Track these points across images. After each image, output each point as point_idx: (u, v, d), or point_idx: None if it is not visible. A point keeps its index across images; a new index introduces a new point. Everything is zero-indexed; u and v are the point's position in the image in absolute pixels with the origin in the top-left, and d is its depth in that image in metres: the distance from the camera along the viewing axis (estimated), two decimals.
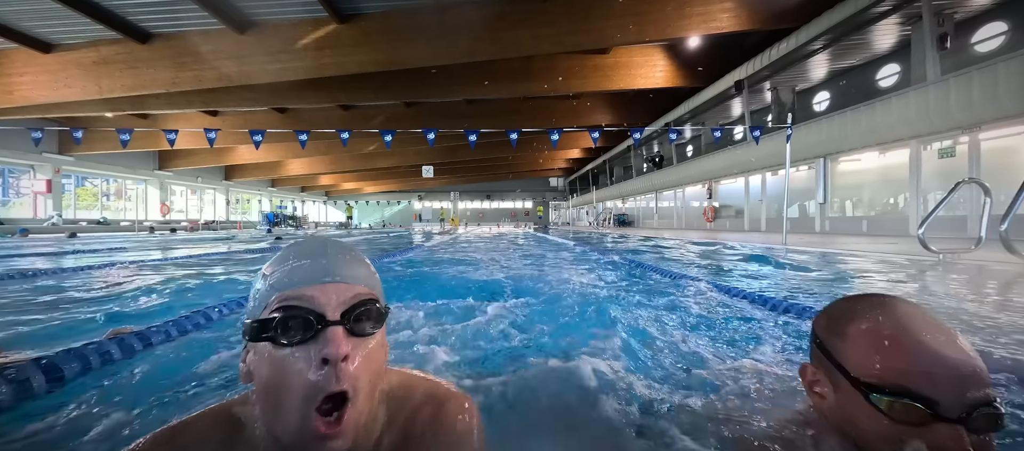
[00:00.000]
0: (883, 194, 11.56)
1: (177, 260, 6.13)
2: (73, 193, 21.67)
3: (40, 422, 1.18)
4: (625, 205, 29.98)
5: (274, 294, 0.58)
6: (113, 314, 2.59)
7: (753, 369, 1.40)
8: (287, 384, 0.54)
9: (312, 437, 0.53)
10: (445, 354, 1.72)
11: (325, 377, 0.53)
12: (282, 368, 0.54)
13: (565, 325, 2.27)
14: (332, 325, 0.56)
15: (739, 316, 2.40)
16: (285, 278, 0.59)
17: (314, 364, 0.54)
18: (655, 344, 1.91)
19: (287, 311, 0.55)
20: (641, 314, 2.40)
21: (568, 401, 1.29)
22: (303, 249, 0.62)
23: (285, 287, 0.58)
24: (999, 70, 7.66)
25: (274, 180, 34.85)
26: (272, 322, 0.55)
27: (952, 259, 4.62)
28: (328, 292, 0.57)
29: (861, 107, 10.75)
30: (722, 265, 5.32)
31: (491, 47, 11.39)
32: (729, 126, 18.70)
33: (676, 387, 1.37)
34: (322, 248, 0.63)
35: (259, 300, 0.59)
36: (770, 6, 11.29)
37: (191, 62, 11.36)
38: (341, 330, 0.56)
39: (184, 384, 1.45)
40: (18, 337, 2.13)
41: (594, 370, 1.42)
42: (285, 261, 0.61)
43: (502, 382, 1.41)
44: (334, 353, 0.54)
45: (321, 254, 0.61)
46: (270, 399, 0.56)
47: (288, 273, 0.59)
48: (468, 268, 4.91)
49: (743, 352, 1.81)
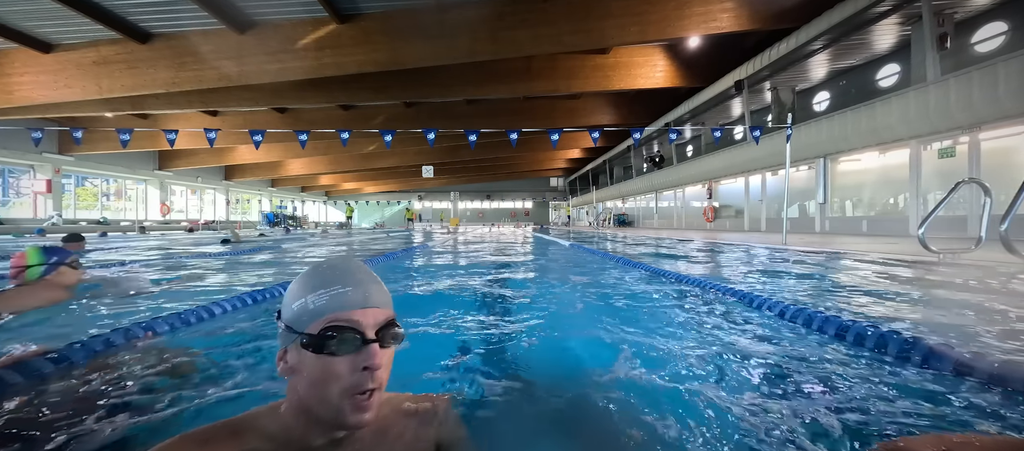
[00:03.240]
0: (883, 194, 11.55)
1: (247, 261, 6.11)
2: (73, 193, 21.67)
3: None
4: (625, 205, 29.97)
5: (326, 314, 0.73)
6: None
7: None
8: (335, 380, 0.72)
9: (349, 415, 0.72)
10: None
11: (364, 378, 0.73)
12: (331, 371, 0.71)
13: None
14: (371, 343, 0.74)
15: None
16: (336, 302, 0.74)
17: (357, 369, 0.72)
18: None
19: (340, 332, 0.72)
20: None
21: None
22: (344, 276, 0.77)
23: (337, 310, 0.73)
24: (999, 70, 7.66)
25: (274, 180, 34.85)
26: (330, 340, 0.72)
27: (952, 259, 4.63)
28: (367, 316, 0.74)
29: (861, 107, 10.74)
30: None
31: (491, 47, 11.38)
32: (729, 126, 18.69)
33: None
34: (358, 276, 0.78)
35: (308, 315, 0.74)
36: (770, 6, 11.28)
37: (191, 62, 11.36)
38: (377, 346, 0.74)
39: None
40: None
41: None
42: (331, 285, 0.75)
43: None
44: (375, 364, 0.73)
45: (359, 282, 0.77)
46: (317, 390, 0.72)
47: (337, 298, 0.74)
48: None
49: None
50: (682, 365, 1.62)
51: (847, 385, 1.44)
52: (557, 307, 2.90)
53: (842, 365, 1.62)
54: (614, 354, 1.75)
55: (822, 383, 1.46)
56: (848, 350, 1.79)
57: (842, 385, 1.44)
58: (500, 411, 1.28)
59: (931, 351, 1.59)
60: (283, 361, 0.76)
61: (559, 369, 1.78)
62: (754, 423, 1.15)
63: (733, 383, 1.48)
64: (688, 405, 1.27)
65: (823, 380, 1.48)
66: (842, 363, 1.64)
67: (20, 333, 2.14)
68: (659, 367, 1.59)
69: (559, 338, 2.15)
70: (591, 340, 2.03)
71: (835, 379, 1.49)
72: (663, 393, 1.35)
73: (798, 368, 1.59)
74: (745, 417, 1.19)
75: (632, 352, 1.75)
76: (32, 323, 2.31)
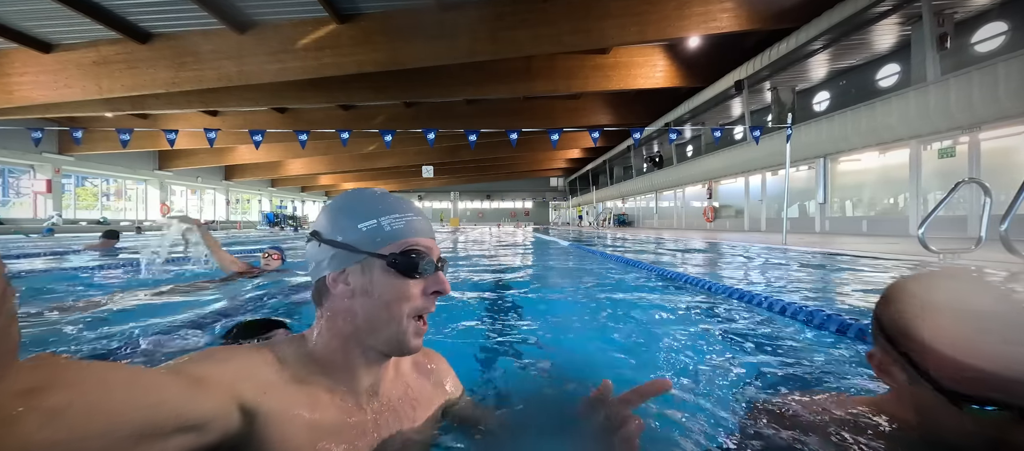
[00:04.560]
0: (883, 194, 11.55)
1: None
2: (73, 193, 21.67)
3: None
4: (625, 205, 29.97)
5: (405, 237, 0.75)
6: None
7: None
8: (407, 301, 0.73)
9: (411, 338, 0.75)
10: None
11: (430, 303, 0.76)
12: (405, 292, 0.73)
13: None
14: (439, 269, 0.77)
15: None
16: (413, 228, 0.76)
17: (427, 293, 0.75)
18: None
19: (419, 255, 0.74)
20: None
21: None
22: (410, 206, 0.79)
23: (414, 234, 0.76)
24: (999, 70, 7.66)
25: (274, 180, 34.85)
26: (411, 259, 0.74)
27: (952, 259, 4.62)
28: (433, 245, 0.78)
29: (861, 107, 10.74)
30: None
31: (491, 47, 11.38)
32: (729, 126, 18.69)
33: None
34: (421, 210, 0.81)
35: (383, 237, 0.74)
36: (770, 6, 11.28)
37: (191, 62, 11.36)
38: (442, 273, 0.78)
39: None
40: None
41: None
42: (405, 212, 0.77)
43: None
44: (445, 289, 0.76)
45: (421, 214, 0.80)
46: (388, 311, 0.73)
47: (412, 224, 0.76)
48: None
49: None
50: (682, 365, 1.62)
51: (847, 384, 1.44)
52: (557, 305, 2.90)
53: (843, 364, 1.62)
54: (613, 354, 1.75)
55: (823, 376, 1.46)
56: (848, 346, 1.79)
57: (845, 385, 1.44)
58: (492, 401, 1.28)
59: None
60: (343, 283, 0.73)
61: (560, 368, 1.78)
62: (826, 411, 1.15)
63: (733, 383, 1.47)
64: (688, 404, 1.26)
65: (824, 375, 1.48)
66: (845, 361, 1.64)
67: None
68: (658, 367, 1.59)
69: (559, 338, 2.15)
70: (591, 340, 2.03)
71: (834, 379, 1.49)
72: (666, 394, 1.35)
73: (801, 364, 1.59)
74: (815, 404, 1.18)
75: (632, 351, 1.75)
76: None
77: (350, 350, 0.75)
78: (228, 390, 0.59)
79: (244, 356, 0.67)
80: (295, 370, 0.71)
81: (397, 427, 0.80)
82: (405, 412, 0.83)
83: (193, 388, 0.54)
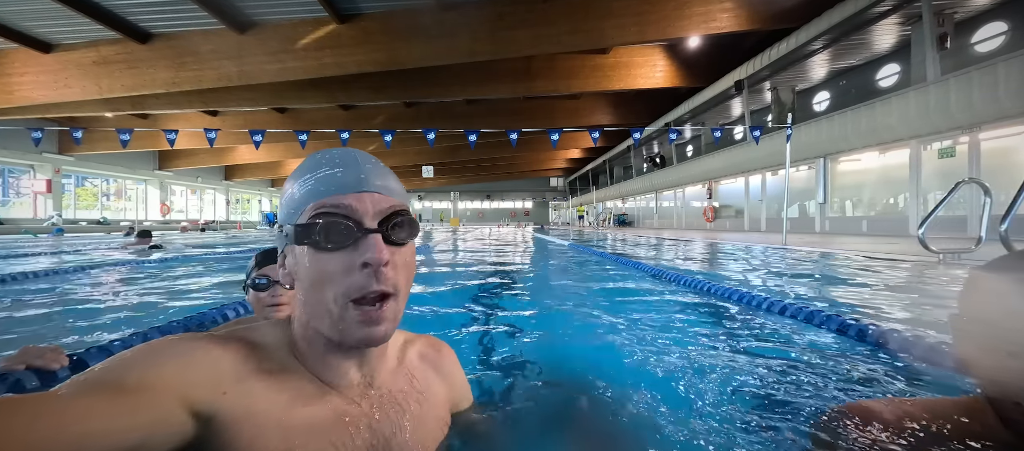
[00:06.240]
0: (883, 194, 11.55)
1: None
2: (73, 193, 21.67)
3: None
4: (625, 205, 29.97)
5: (310, 200, 0.60)
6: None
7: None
8: (330, 282, 0.58)
9: (354, 328, 0.59)
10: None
11: (365, 279, 0.58)
12: (325, 270, 0.59)
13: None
14: (371, 233, 0.60)
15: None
16: (321, 186, 0.61)
17: (355, 267, 0.58)
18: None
19: (327, 217, 0.59)
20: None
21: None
22: (335, 158, 0.64)
23: (321, 195, 0.60)
24: (999, 70, 7.66)
25: (274, 180, 34.86)
26: (315, 228, 0.58)
27: (952, 259, 4.62)
28: (364, 202, 0.61)
29: (861, 107, 10.74)
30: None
31: (491, 47, 11.38)
32: (729, 126, 18.69)
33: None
34: (354, 159, 0.65)
35: (294, 205, 0.62)
36: (770, 6, 11.28)
37: (191, 62, 11.37)
38: (379, 237, 0.60)
39: None
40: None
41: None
42: (317, 169, 0.63)
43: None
44: (376, 259, 0.58)
45: (354, 164, 0.64)
46: (314, 296, 0.60)
47: (323, 180, 0.61)
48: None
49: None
50: (681, 364, 1.62)
51: (849, 384, 1.44)
52: (557, 306, 2.90)
53: (845, 364, 1.62)
54: (615, 352, 1.75)
55: (828, 382, 1.46)
56: (852, 348, 1.79)
57: (847, 385, 1.44)
58: (500, 411, 1.28)
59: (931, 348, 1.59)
60: (282, 268, 0.65)
61: (558, 368, 1.78)
62: (761, 425, 1.15)
63: (734, 382, 1.47)
64: (687, 403, 1.26)
65: (828, 379, 1.48)
66: (850, 363, 1.64)
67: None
68: (658, 365, 1.59)
69: (559, 335, 2.15)
70: (591, 339, 2.03)
71: (837, 377, 1.49)
72: (666, 394, 1.35)
73: (805, 366, 1.58)
74: (752, 417, 1.18)
75: (631, 350, 1.75)
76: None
77: (315, 340, 0.64)
78: (173, 394, 0.50)
79: (196, 351, 0.56)
80: (275, 359, 0.62)
81: (399, 423, 0.69)
82: (409, 407, 0.72)
83: (122, 402, 0.46)
